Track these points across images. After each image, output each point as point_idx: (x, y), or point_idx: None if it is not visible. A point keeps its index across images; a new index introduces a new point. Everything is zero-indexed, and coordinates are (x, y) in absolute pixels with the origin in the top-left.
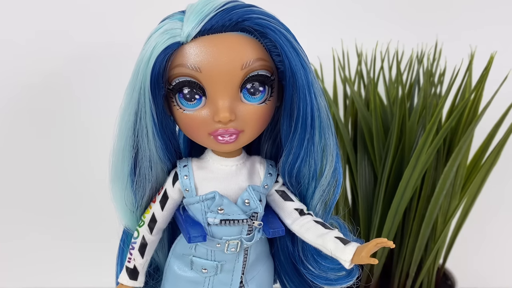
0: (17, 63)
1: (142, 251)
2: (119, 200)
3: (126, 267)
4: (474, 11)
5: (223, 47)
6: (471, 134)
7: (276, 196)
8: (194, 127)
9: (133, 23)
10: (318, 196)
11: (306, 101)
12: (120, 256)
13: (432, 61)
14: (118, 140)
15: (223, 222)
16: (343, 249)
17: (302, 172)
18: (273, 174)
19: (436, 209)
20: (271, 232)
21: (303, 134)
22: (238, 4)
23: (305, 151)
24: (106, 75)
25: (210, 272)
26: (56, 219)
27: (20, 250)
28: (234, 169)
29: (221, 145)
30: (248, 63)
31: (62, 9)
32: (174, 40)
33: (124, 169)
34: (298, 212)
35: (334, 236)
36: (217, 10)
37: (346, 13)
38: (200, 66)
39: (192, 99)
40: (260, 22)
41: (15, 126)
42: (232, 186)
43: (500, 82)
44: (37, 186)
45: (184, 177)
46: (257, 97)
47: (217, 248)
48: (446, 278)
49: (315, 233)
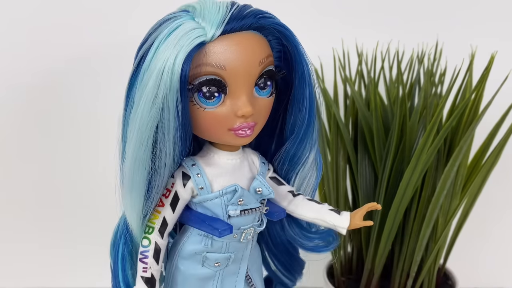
0: (17, 63)
1: (157, 257)
2: (135, 209)
3: (142, 277)
4: (475, 11)
5: (245, 45)
6: (471, 134)
7: (271, 182)
8: (215, 124)
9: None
10: (300, 182)
11: (310, 93)
12: (122, 265)
13: (432, 61)
14: (136, 149)
15: (242, 213)
16: (339, 218)
17: (301, 157)
18: (266, 163)
19: (436, 209)
20: (275, 215)
21: (312, 120)
22: (245, 4)
23: (310, 136)
24: (107, 75)
25: (222, 265)
26: (56, 219)
27: (20, 250)
28: (239, 162)
29: (239, 139)
30: (263, 60)
31: (62, 9)
32: (199, 40)
33: (142, 178)
34: (291, 194)
35: (328, 209)
36: (232, 10)
37: (346, 13)
38: (225, 64)
39: (211, 97)
40: (274, 21)
41: (15, 126)
42: (241, 178)
43: (501, 82)
44: (37, 186)
45: (196, 175)
46: (266, 91)
47: (233, 239)
48: (446, 278)
49: (310, 209)
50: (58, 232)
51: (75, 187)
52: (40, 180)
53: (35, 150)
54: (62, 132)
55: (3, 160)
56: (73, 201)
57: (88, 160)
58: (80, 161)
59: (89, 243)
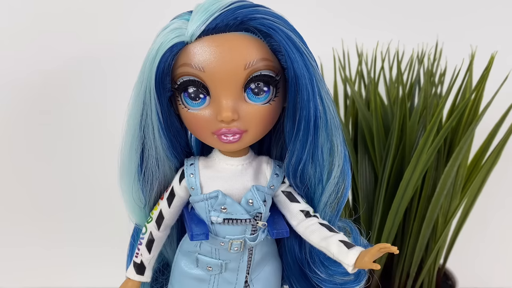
0: (18, 63)
1: (149, 247)
2: (128, 195)
3: (133, 262)
4: (475, 11)
5: (226, 47)
6: (471, 134)
7: (283, 197)
8: (199, 126)
9: (137, 23)
10: (326, 199)
11: (310, 103)
12: (130, 252)
13: (432, 61)
14: (126, 136)
15: (226, 221)
16: (346, 253)
17: (307, 174)
18: (280, 175)
19: (436, 209)
20: (275, 233)
21: (305, 136)
22: (244, 3)
23: (308, 153)
24: (110, 76)
25: (215, 270)
26: (56, 219)
27: (20, 251)
28: (240, 168)
29: (224, 145)
30: (251, 63)
31: (63, 9)
32: (179, 40)
33: (131, 166)
34: (303, 214)
35: (338, 240)
36: (222, 10)
37: (346, 13)
38: (203, 65)
39: (196, 98)
40: (264, 22)
41: (15, 126)
42: (237, 185)
43: (501, 82)
44: (38, 187)
45: (190, 175)
46: (261, 97)
47: (221, 246)
48: (446, 278)
49: (319, 236)
50: (59, 233)
51: (77, 187)
52: (42, 181)
53: (36, 150)
54: (68, 133)
55: (6, 160)
56: (76, 202)
57: (92, 161)
58: (84, 162)
59: (91, 244)
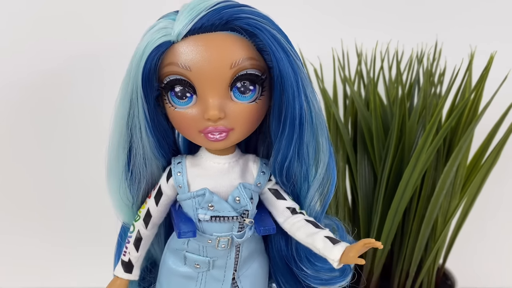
0: (18, 63)
1: (137, 245)
2: (115, 194)
3: (121, 261)
4: (474, 11)
5: (211, 46)
6: (471, 134)
7: (269, 194)
8: (185, 124)
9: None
10: (312, 195)
11: (295, 102)
12: (118, 250)
13: (432, 61)
14: (113, 136)
15: (214, 219)
16: (331, 249)
17: (293, 172)
18: (267, 172)
19: (436, 209)
20: (261, 230)
21: (291, 134)
22: (229, 3)
23: (293, 151)
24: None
25: (202, 267)
26: (56, 219)
27: (20, 250)
28: (227, 166)
29: (211, 143)
30: (237, 62)
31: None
32: (166, 39)
33: (118, 164)
34: (290, 211)
35: (323, 235)
36: (208, 10)
37: (346, 13)
38: (189, 64)
39: (183, 97)
40: (250, 22)
41: (15, 127)
42: (224, 183)
43: (500, 81)
44: (37, 187)
45: (177, 173)
46: (248, 95)
47: (208, 244)
48: (446, 278)
49: (305, 232)
50: (59, 232)
51: (76, 188)
52: (41, 181)
53: (36, 150)
54: (66, 133)
55: (4, 159)
56: (74, 201)
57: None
58: (81, 162)
59: (90, 244)
